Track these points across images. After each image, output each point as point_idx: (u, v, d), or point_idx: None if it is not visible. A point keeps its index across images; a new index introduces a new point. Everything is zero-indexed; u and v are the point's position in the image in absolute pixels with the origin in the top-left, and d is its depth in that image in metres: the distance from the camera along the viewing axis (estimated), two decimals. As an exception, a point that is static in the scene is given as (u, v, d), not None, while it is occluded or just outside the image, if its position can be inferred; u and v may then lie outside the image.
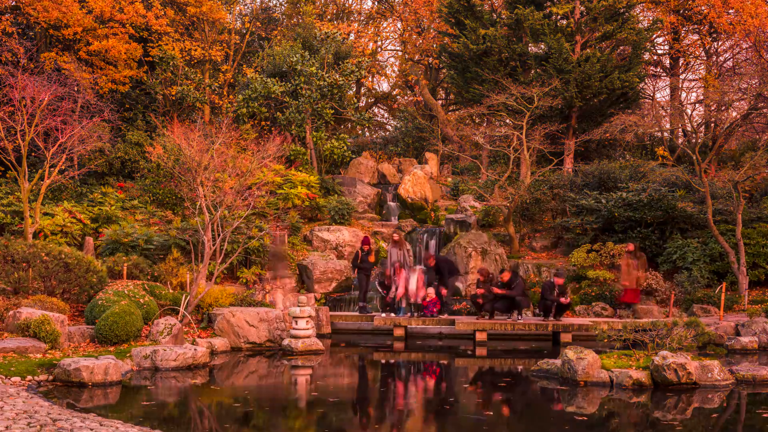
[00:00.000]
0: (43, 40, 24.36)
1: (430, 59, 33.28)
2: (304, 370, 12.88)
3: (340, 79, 25.68)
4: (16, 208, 18.61)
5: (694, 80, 32.34)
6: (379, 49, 37.09)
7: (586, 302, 17.42)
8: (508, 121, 24.14)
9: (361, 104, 36.50)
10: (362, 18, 36.76)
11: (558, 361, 11.64)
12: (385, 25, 36.68)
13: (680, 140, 26.33)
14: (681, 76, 31.05)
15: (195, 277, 14.62)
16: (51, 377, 10.65)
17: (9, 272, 13.78)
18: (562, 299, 15.80)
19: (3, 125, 16.46)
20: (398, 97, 37.33)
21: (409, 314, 16.53)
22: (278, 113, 25.61)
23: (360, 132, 36.04)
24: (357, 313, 17.18)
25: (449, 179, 26.66)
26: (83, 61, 23.79)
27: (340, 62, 26.78)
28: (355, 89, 34.21)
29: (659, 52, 31.08)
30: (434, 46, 31.96)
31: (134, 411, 9.31)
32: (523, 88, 21.48)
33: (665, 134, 24.92)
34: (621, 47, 25.26)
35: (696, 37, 29.61)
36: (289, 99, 25.53)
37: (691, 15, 27.56)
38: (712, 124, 26.18)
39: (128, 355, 12.05)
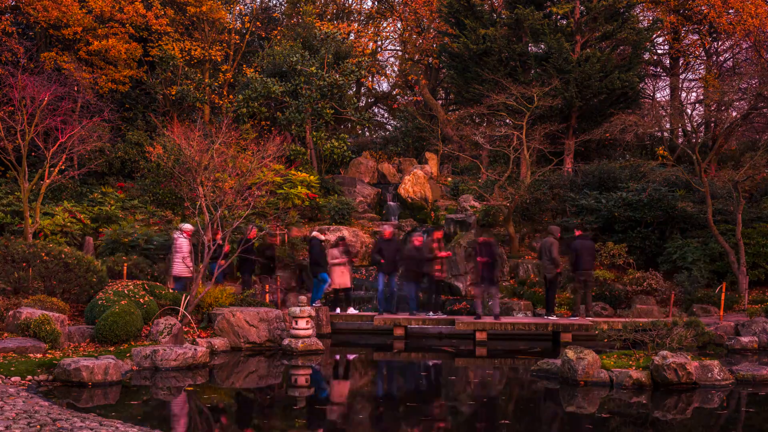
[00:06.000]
0: (43, 40, 24.35)
1: (430, 59, 33.26)
2: (304, 370, 12.88)
3: (340, 79, 25.67)
4: (16, 208, 18.61)
5: (694, 80, 32.34)
6: (379, 49, 37.07)
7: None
8: (508, 121, 24.13)
9: (361, 104, 36.47)
10: (362, 18, 36.75)
11: (558, 361, 11.64)
12: (385, 25, 36.66)
13: (680, 140, 26.32)
14: (681, 76, 31.04)
15: (195, 277, 14.62)
16: (51, 377, 10.64)
17: (9, 272, 13.78)
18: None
19: (3, 125, 16.45)
20: (398, 97, 37.31)
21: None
22: (278, 113, 25.60)
23: (360, 132, 36.03)
24: (357, 313, 17.26)
25: (449, 179, 26.65)
26: (83, 61, 23.78)
27: (340, 62, 26.77)
28: (355, 89, 34.20)
29: (659, 52, 31.07)
30: (434, 46, 31.95)
31: (134, 411, 9.31)
32: (523, 88, 21.47)
33: (665, 134, 24.94)
34: (621, 47, 25.26)
35: (696, 37, 29.60)
36: (289, 99, 25.52)
37: (691, 15, 27.54)
38: (712, 124, 26.18)
39: (128, 354, 12.05)
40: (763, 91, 19.64)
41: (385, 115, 39.96)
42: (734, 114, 21.73)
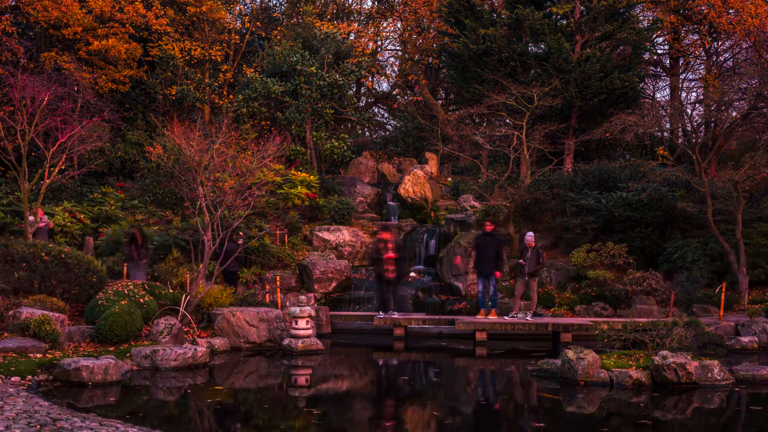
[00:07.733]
0: (43, 40, 24.35)
1: (430, 59, 33.27)
2: (304, 370, 12.88)
3: (340, 79, 25.68)
4: (16, 208, 18.61)
5: (694, 80, 32.34)
6: (379, 49, 37.08)
7: (586, 302, 17.42)
8: (508, 121, 24.13)
9: (361, 104, 36.49)
10: (362, 18, 36.75)
11: (558, 361, 11.64)
12: (385, 25, 36.66)
13: (680, 140, 26.31)
14: (681, 76, 31.04)
15: (195, 277, 14.62)
16: (51, 377, 10.64)
17: (9, 272, 13.77)
18: None
19: (3, 125, 16.45)
20: (398, 97, 37.32)
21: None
22: (278, 113, 25.61)
23: (360, 132, 36.04)
24: (357, 313, 17.25)
25: (449, 179, 26.66)
26: (83, 61, 23.78)
27: (340, 62, 26.78)
28: (355, 89, 34.20)
29: (659, 52, 31.06)
30: (434, 46, 31.96)
31: (134, 411, 9.31)
32: (523, 88, 21.47)
33: (665, 134, 24.92)
34: (621, 47, 25.27)
35: (696, 37, 29.60)
36: (289, 99, 25.52)
37: (691, 15, 27.55)
38: (712, 124, 26.16)
39: (128, 354, 12.05)
40: (763, 91, 19.64)
41: (385, 115, 39.97)
42: (734, 114, 21.72)
